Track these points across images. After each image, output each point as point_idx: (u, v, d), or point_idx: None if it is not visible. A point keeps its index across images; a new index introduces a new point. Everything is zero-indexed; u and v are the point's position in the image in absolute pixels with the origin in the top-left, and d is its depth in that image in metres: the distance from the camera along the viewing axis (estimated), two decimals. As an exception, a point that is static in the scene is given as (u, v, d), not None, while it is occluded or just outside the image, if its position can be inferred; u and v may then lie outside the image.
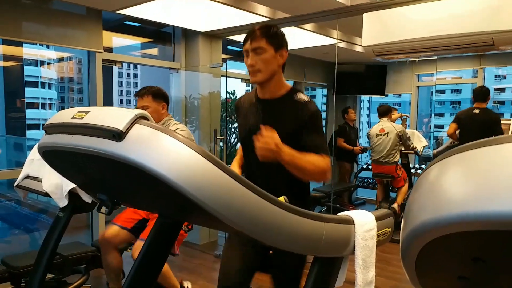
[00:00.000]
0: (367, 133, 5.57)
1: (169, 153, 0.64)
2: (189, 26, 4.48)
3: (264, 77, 1.82)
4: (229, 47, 5.72)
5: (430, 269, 0.49)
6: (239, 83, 5.54)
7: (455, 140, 4.80)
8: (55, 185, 1.84)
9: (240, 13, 3.72)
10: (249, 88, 5.95)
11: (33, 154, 2.00)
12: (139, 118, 0.68)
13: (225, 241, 2.10)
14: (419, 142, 5.70)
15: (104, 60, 3.99)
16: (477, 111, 4.46)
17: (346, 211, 0.90)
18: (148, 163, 0.63)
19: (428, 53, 3.38)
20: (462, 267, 0.47)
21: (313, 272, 0.89)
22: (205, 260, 4.29)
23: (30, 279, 1.92)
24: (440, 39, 2.97)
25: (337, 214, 0.86)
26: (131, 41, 5.22)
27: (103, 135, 0.68)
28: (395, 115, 5.71)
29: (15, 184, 2.05)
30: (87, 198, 1.83)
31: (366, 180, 6.81)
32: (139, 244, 2.48)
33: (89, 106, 0.79)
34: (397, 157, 5.23)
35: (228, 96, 6.61)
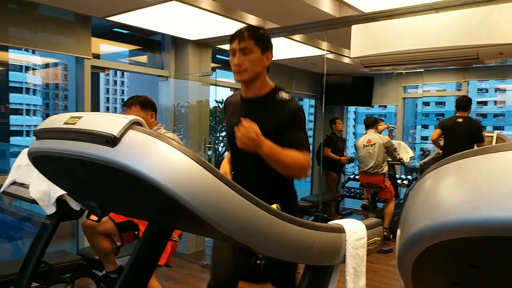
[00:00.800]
0: (355, 144, 5.62)
1: (163, 159, 0.64)
2: (178, 34, 4.49)
3: (249, 76, 1.86)
4: (217, 56, 5.73)
5: (426, 276, 0.49)
6: (228, 92, 5.55)
7: (438, 147, 4.88)
8: (43, 191, 1.81)
9: (230, 22, 3.74)
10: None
11: (20, 160, 1.96)
12: (133, 124, 0.68)
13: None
14: (405, 153, 5.77)
15: (92, 67, 3.96)
16: (460, 120, 4.56)
17: (334, 220, 0.90)
18: (142, 169, 0.63)
19: (415, 65, 3.45)
20: (457, 274, 0.48)
21: (304, 281, 0.90)
22: (192, 269, 4.24)
23: (14, 287, 1.88)
24: (426, 52, 3.04)
25: (328, 223, 0.87)
26: (119, 48, 5.19)
27: (97, 141, 0.68)
28: (381, 126, 5.78)
29: (1, 190, 2.01)
30: (75, 206, 1.81)
31: (353, 190, 6.85)
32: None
33: (82, 112, 0.79)
34: (385, 169, 5.28)
35: (216, 105, 6.61)
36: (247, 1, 3.36)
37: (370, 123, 5.47)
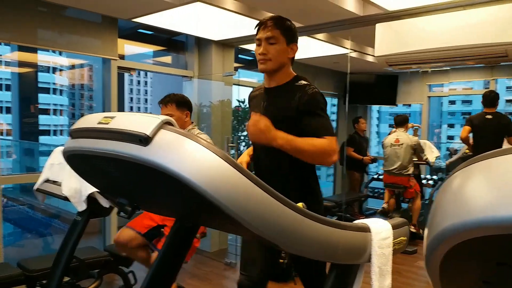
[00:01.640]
0: (382, 141, 5.52)
1: (194, 157, 0.66)
2: (202, 35, 4.54)
3: (273, 66, 1.86)
4: (240, 55, 5.76)
5: (454, 274, 0.50)
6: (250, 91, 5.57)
7: (468, 145, 4.74)
8: (74, 189, 1.86)
9: (253, 22, 3.76)
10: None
11: (53, 159, 2.04)
12: (164, 124, 0.71)
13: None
14: (431, 153, 5.65)
15: (118, 68, 4.05)
16: (489, 116, 4.44)
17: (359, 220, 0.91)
18: (173, 167, 0.65)
19: (441, 63, 3.39)
20: (486, 272, 0.48)
21: (330, 279, 0.90)
22: (215, 267, 4.29)
23: (48, 281, 1.95)
24: (453, 50, 2.98)
25: (353, 222, 0.87)
26: (143, 49, 5.28)
27: (130, 140, 0.70)
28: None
29: (35, 187, 2.09)
30: (105, 203, 1.86)
31: (376, 190, 6.76)
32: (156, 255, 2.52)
33: (115, 112, 0.81)
34: (411, 170, 5.15)
35: (238, 104, 6.65)
36: (270, 1, 3.37)
37: (400, 121, 5.31)
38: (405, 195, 5.29)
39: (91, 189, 1.86)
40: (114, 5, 3.51)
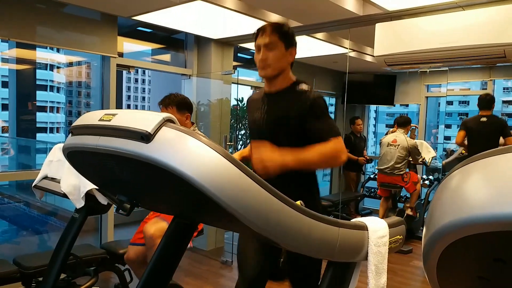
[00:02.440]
0: (380, 140, 5.53)
1: (195, 155, 0.67)
2: (201, 33, 4.54)
3: (273, 72, 1.89)
4: (239, 54, 5.77)
5: (451, 270, 0.51)
6: (249, 90, 5.58)
7: (463, 148, 4.78)
8: (73, 186, 1.87)
9: (252, 21, 3.77)
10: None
11: (52, 156, 2.04)
12: (166, 121, 0.71)
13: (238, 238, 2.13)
14: (427, 153, 5.67)
15: (117, 65, 4.05)
16: (484, 119, 4.47)
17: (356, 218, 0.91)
18: (175, 164, 0.66)
19: (440, 63, 3.40)
20: (483, 268, 0.49)
21: (327, 277, 0.91)
22: (211, 266, 4.29)
23: (44, 278, 1.95)
24: (452, 50, 2.99)
25: (351, 220, 0.88)
26: (142, 46, 5.28)
27: (132, 137, 0.71)
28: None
29: (33, 184, 2.09)
30: (103, 200, 1.86)
31: (373, 190, 6.79)
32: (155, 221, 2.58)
33: (117, 109, 0.82)
34: (403, 170, 5.18)
35: (236, 103, 6.64)
36: (269, 0, 3.37)
37: (402, 122, 5.32)
38: (407, 190, 5.31)
39: (89, 186, 1.86)
40: (114, 2, 3.50)
